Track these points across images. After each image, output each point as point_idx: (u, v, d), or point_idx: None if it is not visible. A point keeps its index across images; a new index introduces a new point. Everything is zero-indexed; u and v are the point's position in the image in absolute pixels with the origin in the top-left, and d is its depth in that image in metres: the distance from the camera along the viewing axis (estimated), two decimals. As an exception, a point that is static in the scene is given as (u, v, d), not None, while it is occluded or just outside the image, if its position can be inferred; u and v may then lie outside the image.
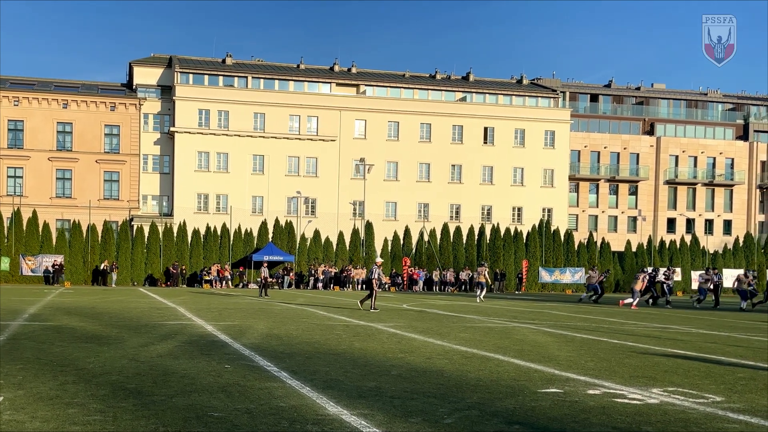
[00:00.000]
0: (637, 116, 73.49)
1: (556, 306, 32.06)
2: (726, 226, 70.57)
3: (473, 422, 6.21)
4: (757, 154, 71.72)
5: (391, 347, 12.16)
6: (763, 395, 7.97)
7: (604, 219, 69.54)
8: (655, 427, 6.20)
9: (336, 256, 53.23)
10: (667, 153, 70.13)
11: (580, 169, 68.78)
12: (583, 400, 7.41)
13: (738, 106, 76.77)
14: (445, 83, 68.83)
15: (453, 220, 61.62)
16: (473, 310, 26.10)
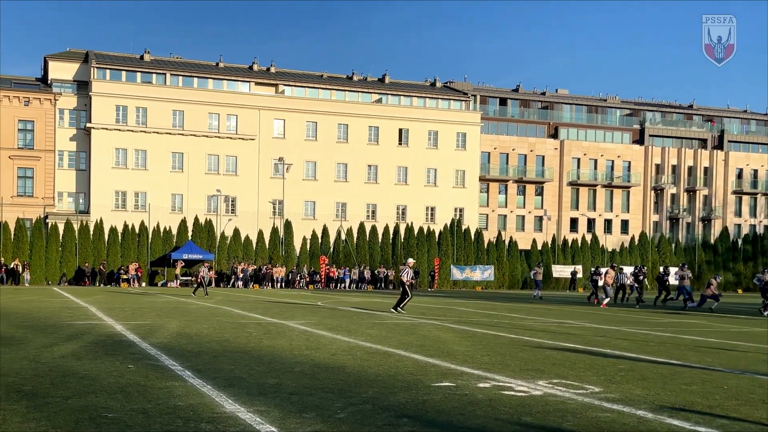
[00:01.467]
0: (543, 120, 75.36)
1: (463, 303, 32.54)
2: (623, 225, 73.06)
3: (365, 416, 6.27)
4: (652, 157, 74.43)
5: (299, 344, 12.14)
6: (639, 385, 8.31)
7: (512, 218, 71.02)
8: (534, 417, 6.39)
9: (256, 255, 52.67)
10: (570, 156, 72.13)
11: (490, 170, 70.07)
12: (472, 393, 7.57)
13: (635, 112, 79.56)
14: (362, 85, 69.02)
15: (369, 219, 61.82)
16: (385, 307, 26.25)
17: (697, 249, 61.80)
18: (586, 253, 59.42)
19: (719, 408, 7.03)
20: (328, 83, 67.59)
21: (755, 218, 76.14)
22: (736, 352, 12.40)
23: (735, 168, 76.21)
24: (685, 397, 7.59)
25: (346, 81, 69.67)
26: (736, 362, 10.88)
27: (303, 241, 54.54)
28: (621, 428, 6.05)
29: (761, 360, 11.29)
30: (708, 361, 10.99)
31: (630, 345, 13.28)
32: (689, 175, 75.28)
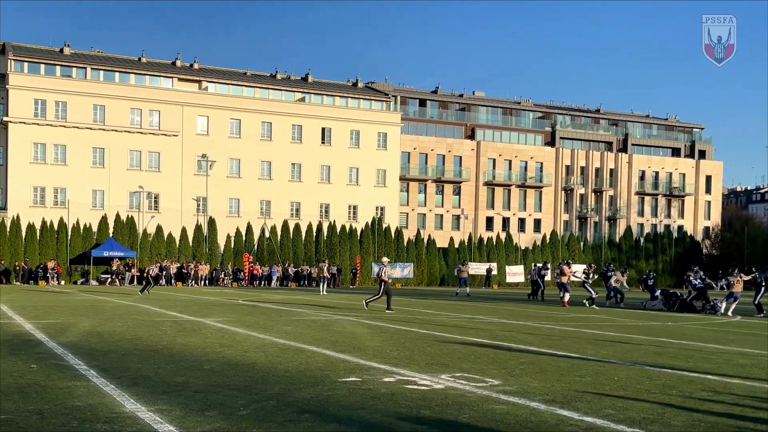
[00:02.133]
0: (460, 121, 76.32)
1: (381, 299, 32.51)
2: (536, 224, 74.68)
3: (267, 413, 6.20)
4: (563, 159, 76.32)
5: (213, 342, 11.94)
6: (536, 378, 8.49)
7: (431, 217, 71.69)
8: (433, 411, 6.45)
9: (179, 252, 51.55)
10: (486, 156, 73.26)
11: (410, 170, 70.53)
12: (376, 387, 7.58)
13: (547, 115, 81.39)
14: (285, 83, 68.45)
15: (293, 217, 61.33)
16: (306, 303, 26.13)
17: (603, 247, 63.68)
18: (500, 251, 60.44)
19: (607, 398, 7.24)
20: (251, 81, 66.73)
21: (656, 218, 79.01)
22: (630, 345, 12.82)
23: (638, 170, 78.85)
24: (578, 389, 7.79)
25: (270, 79, 68.96)
26: (629, 354, 11.25)
27: (227, 238, 53.70)
28: (514, 420, 6.16)
29: (652, 352, 11.70)
30: (603, 353, 11.32)
31: (534, 339, 13.58)
32: (596, 176, 77.52)
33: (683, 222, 78.82)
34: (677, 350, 12.02)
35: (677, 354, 11.43)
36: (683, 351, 11.92)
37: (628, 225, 72.39)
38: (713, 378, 8.83)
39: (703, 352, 11.79)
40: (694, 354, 11.50)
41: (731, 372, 9.41)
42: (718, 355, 11.47)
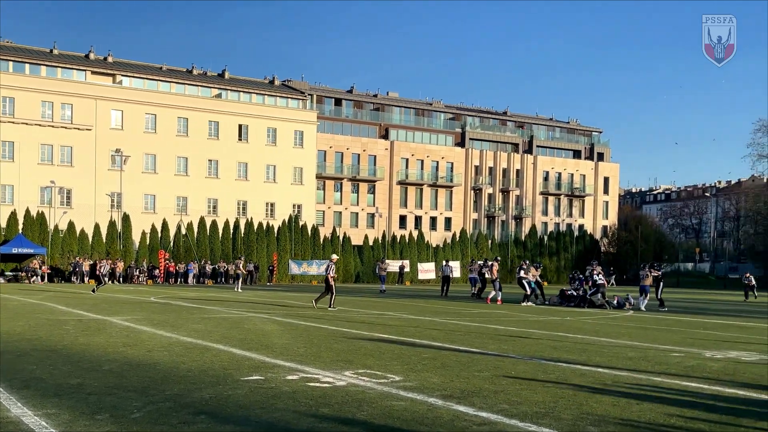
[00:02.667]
0: (375, 121, 76.44)
1: (297, 296, 32.34)
2: (447, 222, 75.54)
3: (161, 415, 5.92)
4: (472, 159, 77.46)
5: (116, 341, 11.45)
6: (437, 373, 8.47)
7: (347, 215, 71.51)
8: (332, 408, 6.31)
9: (92, 249, 49.61)
10: (400, 156, 73.62)
11: (326, 168, 70.17)
12: (278, 386, 7.39)
13: (457, 116, 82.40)
14: (202, 79, 66.98)
15: (211, 214, 60.03)
16: (220, 301, 25.61)
17: (509, 245, 65.02)
18: (413, 248, 60.82)
19: (503, 393, 7.27)
20: (167, 76, 64.96)
21: (559, 217, 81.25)
22: (530, 340, 13.03)
23: (542, 171, 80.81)
24: (475, 384, 7.80)
25: (186, 75, 67.33)
26: (527, 349, 11.41)
27: (142, 235, 52.06)
28: (411, 416, 6.09)
29: (549, 346, 11.90)
30: (504, 348, 11.45)
31: (439, 335, 13.63)
32: (504, 176, 79.05)
33: (584, 221, 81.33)
34: (573, 344, 12.29)
35: (573, 348, 11.68)
36: (578, 345, 12.19)
37: (533, 224, 74.18)
38: (603, 371, 9.03)
39: (597, 346, 12.09)
40: (588, 348, 11.76)
41: (620, 365, 9.65)
42: (610, 348, 11.77)
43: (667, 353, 11.14)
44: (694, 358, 10.60)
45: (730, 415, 6.43)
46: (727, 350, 11.69)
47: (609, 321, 18.49)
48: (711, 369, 9.41)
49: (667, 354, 11.04)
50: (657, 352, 11.22)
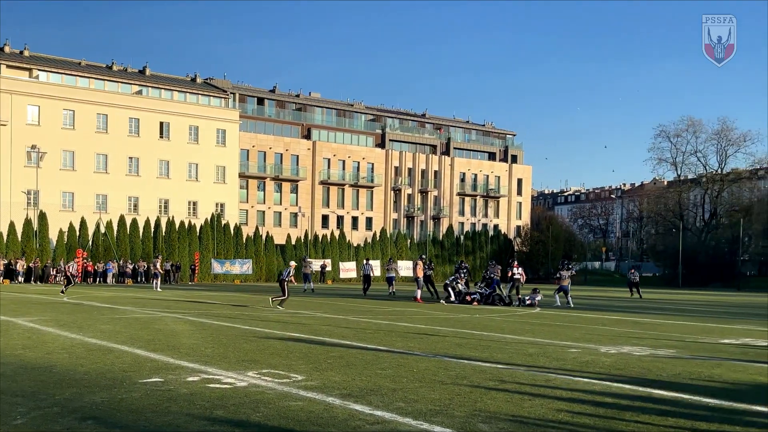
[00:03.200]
0: (297, 121, 75.87)
1: (217, 296, 31.76)
2: (368, 222, 75.63)
3: (47, 420, 5.60)
4: (392, 160, 77.81)
5: (16, 343, 10.87)
6: (341, 372, 8.36)
7: (270, 214, 70.61)
8: (227, 410, 6.12)
9: (7, 248, 47.30)
10: (322, 156, 73.28)
11: (249, 167, 69.12)
12: (177, 388, 7.12)
13: (377, 118, 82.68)
14: (122, 75, 64.94)
15: (131, 212, 58.19)
16: (134, 301, 24.83)
17: (428, 244, 65.58)
18: (335, 247, 60.59)
19: (401, 390, 7.23)
20: (86, 71, 62.68)
21: (475, 217, 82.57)
22: (437, 337, 13.08)
23: (459, 172, 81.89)
24: (376, 382, 7.73)
25: (106, 70, 65.15)
26: (433, 346, 11.44)
27: (60, 233, 49.99)
28: (306, 416, 5.96)
29: (455, 343, 11.98)
30: (410, 345, 11.44)
31: (349, 333, 13.53)
32: (422, 177, 79.74)
33: (498, 221, 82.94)
34: (478, 341, 12.40)
35: (477, 345, 11.78)
36: (483, 342, 12.31)
37: (450, 224, 75.10)
38: (502, 368, 9.12)
39: (500, 343, 12.23)
40: (491, 345, 11.89)
41: (520, 361, 9.77)
42: (512, 345, 11.93)
43: (565, 349, 11.37)
44: (590, 353, 10.85)
45: (614, 410, 6.58)
46: (621, 345, 12.03)
47: (516, 318, 18.81)
48: (604, 364, 9.64)
49: (566, 350, 11.27)
50: (556, 348, 11.44)
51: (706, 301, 34.25)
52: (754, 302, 33.71)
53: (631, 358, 10.27)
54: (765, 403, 6.95)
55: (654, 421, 6.15)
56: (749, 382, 8.40)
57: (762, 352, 11.43)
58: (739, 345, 12.57)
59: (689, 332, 15.11)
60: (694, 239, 67.24)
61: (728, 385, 8.13)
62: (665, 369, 9.25)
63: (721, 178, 70.82)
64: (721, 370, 9.28)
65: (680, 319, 19.42)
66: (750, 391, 7.79)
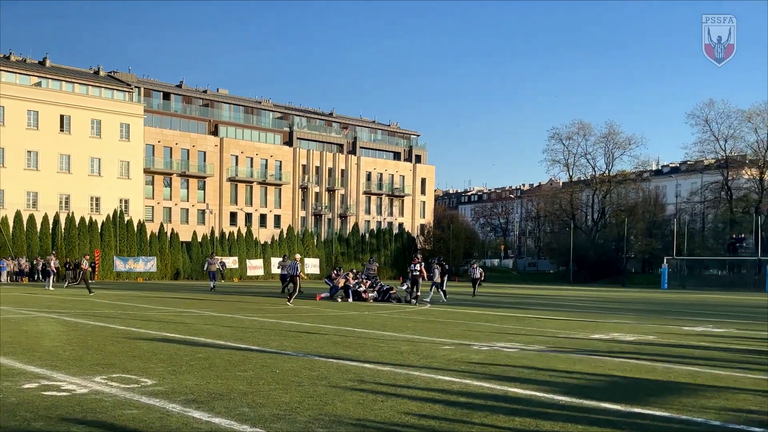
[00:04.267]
0: (204, 117, 73.73)
1: (111, 294, 30.37)
2: (276, 219, 74.40)
3: None
4: (299, 158, 76.81)
5: None
6: (198, 375, 7.83)
7: (177, 211, 68.28)
8: (49, 421, 5.53)
9: None
10: (229, 153, 71.50)
11: (155, 163, 66.66)
12: (6, 396, 6.45)
13: (285, 116, 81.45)
14: (21, 66, 61.35)
15: (29, 207, 54.92)
16: (17, 300, 23.30)
17: (334, 242, 65.03)
18: (242, 245, 59.01)
19: (252, 394, 6.78)
20: (-19, 62, 58.85)
21: (381, 215, 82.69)
22: (317, 335, 12.66)
23: (365, 171, 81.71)
24: (231, 385, 7.25)
25: (4, 60, 61.39)
26: (308, 345, 11.02)
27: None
28: (136, 425, 5.44)
29: (332, 342, 11.60)
30: (285, 345, 10.98)
31: (229, 332, 12.95)
32: (329, 175, 79.10)
33: (403, 219, 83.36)
34: (356, 339, 12.07)
35: (353, 343, 11.43)
36: (360, 340, 11.98)
37: (356, 222, 74.89)
38: (369, 366, 8.80)
39: (377, 341, 11.93)
40: (367, 342, 11.57)
41: (389, 359, 9.48)
42: (388, 343, 11.65)
43: (439, 346, 11.18)
44: (462, 350, 10.69)
45: (465, 410, 6.34)
46: (495, 342, 11.95)
47: (404, 315, 18.62)
48: (471, 361, 9.47)
49: (439, 347, 11.07)
50: (430, 346, 11.23)
51: (591, 297, 35.26)
52: (635, 298, 35.02)
53: (500, 355, 10.16)
54: (614, 400, 6.89)
55: (500, 422, 5.94)
56: (605, 377, 8.40)
57: (626, 347, 11.60)
58: (606, 340, 12.74)
59: (565, 328, 15.29)
60: (584, 238, 69.38)
61: (585, 381, 8.09)
62: (529, 365, 9.17)
63: (609, 180, 73.23)
64: (583, 365, 9.28)
65: (562, 315, 19.74)
66: (605, 387, 7.76)
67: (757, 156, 66.59)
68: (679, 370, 9.04)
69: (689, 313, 21.72)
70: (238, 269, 55.73)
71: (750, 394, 7.38)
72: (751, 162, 67.11)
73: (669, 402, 6.88)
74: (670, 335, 13.96)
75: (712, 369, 9.14)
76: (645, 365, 9.38)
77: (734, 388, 7.72)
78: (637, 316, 19.63)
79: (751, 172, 67.75)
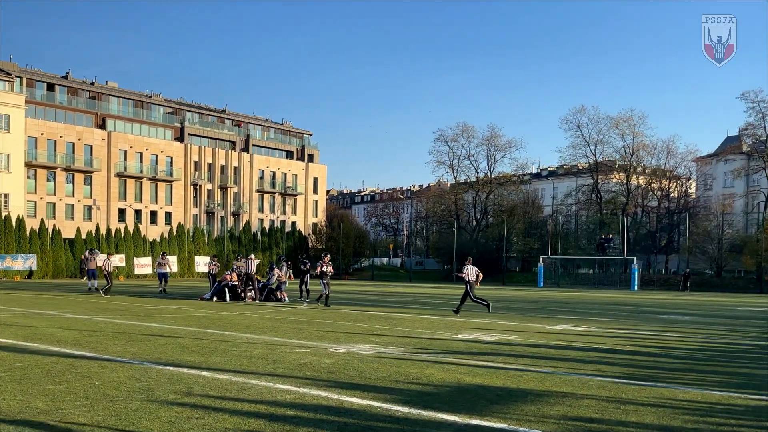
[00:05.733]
0: (91, 110, 69.39)
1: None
2: (168, 216, 71.12)
3: None
4: (191, 154, 73.76)
5: None
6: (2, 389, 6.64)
7: (62, 207, 63.71)
8: None
9: None
10: (118, 147, 67.59)
11: (38, 156, 61.96)
12: None
13: (176, 111, 78.07)
14: None
15: None
16: None
17: (225, 240, 62.90)
18: (129, 242, 55.91)
19: (48, 413, 5.72)
20: None
21: (274, 214, 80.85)
22: (169, 339, 11.56)
23: (258, 169, 79.45)
24: (30, 403, 6.22)
25: None
26: (152, 351, 9.92)
27: None
28: None
29: (183, 345, 10.53)
30: (127, 350, 9.85)
31: (72, 336, 11.67)
32: (222, 173, 76.44)
33: (296, 218, 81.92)
34: (209, 342, 11.06)
35: (204, 347, 10.42)
36: (213, 343, 10.98)
37: (247, 220, 72.84)
38: (205, 374, 7.88)
39: (232, 344, 10.96)
40: (220, 346, 10.58)
41: (233, 366, 8.58)
42: (242, 346, 10.71)
43: (294, 349, 10.35)
44: (316, 353, 9.91)
45: (289, 425, 5.57)
46: (354, 343, 11.25)
47: (275, 315, 17.66)
48: (320, 367, 8.70)
49: (294, 350, 10.24)
50: (284, 349, 10.38)
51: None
52: (510, 296, 35.47)
53: (353, 359, 9.44)
54: (455, 411, 6.30)
55: (322, 440, 5.19)
56: (453, 383, 7.83)
57: (486, 348, 11.17)
58: (468, 340, 12.30)
59: (431, 327, 14.78)
60: (467, 238, 70.45)
61: (431, 388, 7.49)
62: (379, 370, 8.50)
63: (491, 181, 74.44)
64: (434, 370, 8.70)
65: (433, 314, 19.33)
66: (450, 395, 7.17)
67: (624, 161, 69.54)
68: (529, 374, 8.61)
69: (556, 311, 21.75)
70: (125, 267, 52.73)
71: (594, 400, 7.00)
72: (620, 167, 70.04)
73: (511, 411, 6.36)
74: (532, 334, 13.61)
75: (563, 372, 8.78)
76: (497, 370, 8.91)
77: (580, 394, 7.32)
78: (505, 314, 19.43)
79: (619, 176, 70.71)
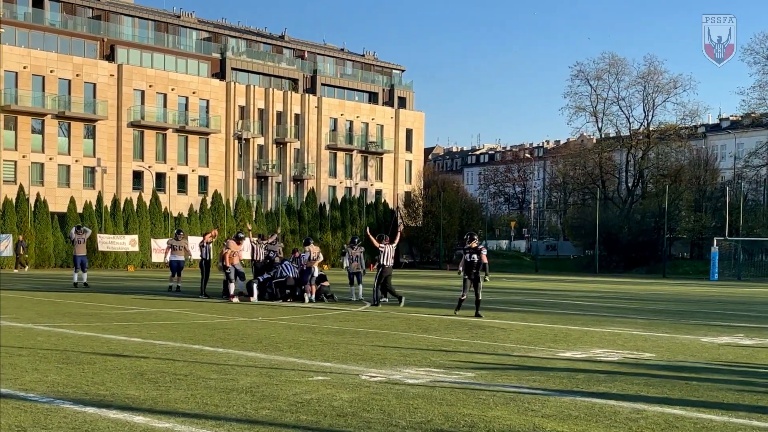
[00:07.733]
0: (95, 35, 71.42)
1: None
2: (202, 182, 72.11)
3: None
4: (235, 97, 74.52)
5: None
6: None
7: (52, 168, 65.61)
8: None
9: None
10: (132, 87, 69.04)
11: (20, 98, 63.97)
12: None
13: (215, 37, 79.49)
14: None
15: None
16: None
17: (280, 215, 63.11)
18: (144, 218, 56.76)
19: None
20: None
21: (351, 179, 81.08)
22: (126, 360, 10.94)
23: (330, 118, 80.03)
24: None
25: None
26: (77, 380, 9.22)
27: None
28: None
29: (135, 373, 9.79)
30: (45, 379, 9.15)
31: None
32: (279, 122, 77.19)
33: (382, 185, 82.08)
34: (184, 366, 10.62)
35: (171, 374, 9.92)
36: (190, 367, 10.48)
37: (312, 188, 73.34)
38: (139, 421, 7.12)
39: (216, 368, 10.25)
40: (194, 372, 9.96)
41: (191, 407, 7.88)
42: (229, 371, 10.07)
43: (307, 376, 9.50)
44: (334, 384, 9.04)
45: None
46: (406, 366, 10.36)
47: (313, 322, 16.84)
48: (329, 405, 7.75)
49: (305, 378, 9.40)
50: (293, 375, 9.64)
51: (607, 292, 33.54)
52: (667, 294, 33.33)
53: (387, 393, 8.43)
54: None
55: None
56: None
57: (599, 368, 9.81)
58: (578, 359, 11.05)
59: (532, 340, 13.64)
60: (616, 212, 69.32)
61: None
62: (417, 411, 7.47)
63: (648, 135, 72.51)
64: (504, 410, 7.48)
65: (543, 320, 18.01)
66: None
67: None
68: (655, 414, 7.55)
69: (726, 315, 21.72)
70: (138, 253, 53.94)
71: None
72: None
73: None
74: (677, 350, 13.29)
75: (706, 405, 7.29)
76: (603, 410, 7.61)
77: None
78: (650, 320, 19.42)
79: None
